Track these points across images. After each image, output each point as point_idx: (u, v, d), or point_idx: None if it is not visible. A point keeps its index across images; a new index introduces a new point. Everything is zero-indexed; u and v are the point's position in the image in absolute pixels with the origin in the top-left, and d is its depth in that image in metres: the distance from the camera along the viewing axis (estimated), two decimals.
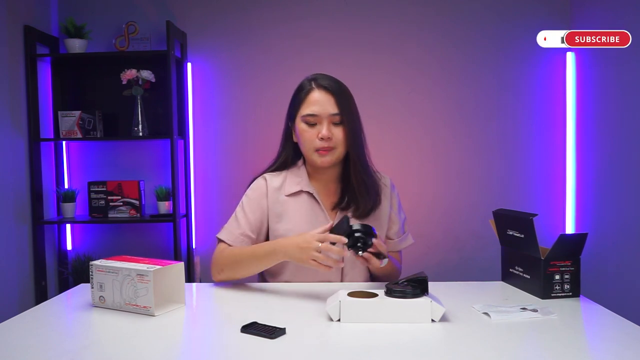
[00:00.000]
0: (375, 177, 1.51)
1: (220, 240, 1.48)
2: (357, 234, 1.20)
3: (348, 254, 1.23)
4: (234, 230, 1.46)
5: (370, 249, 1.22)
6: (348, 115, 1.42)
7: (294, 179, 1.49)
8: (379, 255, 1.23)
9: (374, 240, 1.21)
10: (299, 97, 1.45)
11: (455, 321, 1.09)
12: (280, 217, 1.47)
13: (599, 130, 2.33)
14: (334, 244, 1.20)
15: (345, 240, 1.19)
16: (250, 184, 1.54)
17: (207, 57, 2.63)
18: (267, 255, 1.34)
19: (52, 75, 2.60)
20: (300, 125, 1.44)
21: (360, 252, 1.20)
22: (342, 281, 1.46)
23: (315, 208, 1.47)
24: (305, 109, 1.43)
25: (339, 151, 1.43)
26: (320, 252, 1.20)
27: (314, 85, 1.44)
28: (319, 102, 1.41)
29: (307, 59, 2.58)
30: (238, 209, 1.51)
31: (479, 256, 2.53)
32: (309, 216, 1.45)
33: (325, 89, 1.42)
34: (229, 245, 1.45)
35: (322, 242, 1.20)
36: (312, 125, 1.42)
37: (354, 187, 1.45)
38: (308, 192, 1.48)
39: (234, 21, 2.61)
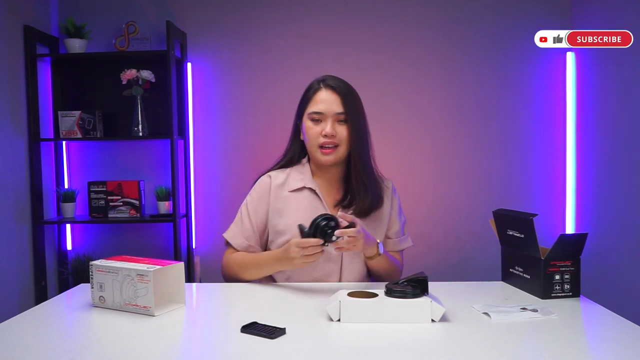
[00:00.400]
0: (378, 179, 1.54)
1: (227, 242, 1.53)
2: (321, 224, 1.27)
3: (328, 248, 1.29)
4: (239, 234, 1.52)
5: (339, 229, 1.27)
6: (353, 115, 1.46)
7: (298, 176, 1.53)
8: (351, 226, 1.29)
9: (338, 214, 1.32)
10: (307, 96, 1.50)
11: (455, 321, 1.09)
12: (281, 213, 1.50)
13: (599, 130, 2.33)
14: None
15: (322, 241, 1.26)
16: (255, 182, 1.58)
17: (207, 57, 2.63)
18: (267, 265, 1.42)
19: (52, 75, 2.60)
20: (306, 123, 1.49)
21: (333, 238, 1.26)
22: (340, 279, 1.48)
23: (317, 204, 1.49)
24: (312, 107, 1.48)
25: (342, 149, 1.47)
26: (305, 254, 1.28)
27: (321, 85, 1.49)
28: (326, 101, 1.46)
29: (307, 59, 2.58)
30: (243, 208, 1.55)
31: (479, 256, 2.53)
32: (309, 212, 1.46)
33: (333, 89, 1.47)
34: (235, 248, 1.51)
35: (304, 247, 1.27)
36: (317, 122, 1.47)
37: (356, 189, 1.48)
38: (310, 189, 1.51)
39: (234, 21, 2.60)
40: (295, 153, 1.57)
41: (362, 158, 1.49)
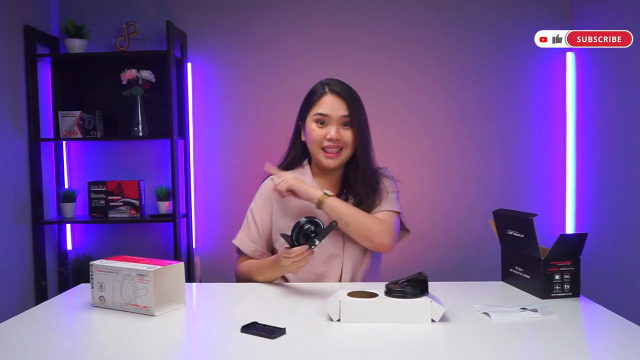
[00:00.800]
0: (379, 178, 1.55)
1: (237, 249, 1.57)
2: (303, 228, 1.27)
3: (316, 248, 1.28)
4: (246, 238, 1.55)
5: (319, 228, 1.27)
6: (357, 119, 1.48)
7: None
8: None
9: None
10: (311, 99, 1.51)
11: (455, 321, 1.09)
12: (284, 212, 1.52)
13: (599, 130, 2.33)
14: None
15: (307, 247, 1.26)
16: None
17: (207, 57, 2.63)
18: (270, 271, 1.44)
19: (52, 75, 2.60)
20: (310, 125, 1.50)
21: (316, 242, 1.26)
22: (341, 275, 1.48)
23: None
24: (317, 109, 1.49)
25: (346, 153, 1.50)
26: (294, 261, 1.27)
27: (327, 90, 1.50)
28: (331, 105, 1.48)
29: (307, 59, 2.58)
30: (249, 213, 1.58)
31: (479, 256, 2.53)
32: (312, 212, 1.46)
33: (338, 94, 1.49)
34: (245, 254, 1.55)
35: (290, 256, 1.27)
36: (322, 125, 1.48)
37: (362, 190, 1.50)
38: None
39: (233, 21, 2.60)
40: (297, 154, 1.59)
41: (368, 161, 1.52)
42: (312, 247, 1.26)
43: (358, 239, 1.46)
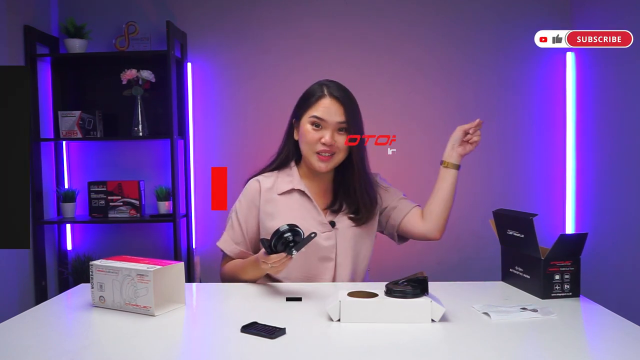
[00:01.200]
0: (374, 185, 1.55)
1: (222, 250, 1.55)
2: (283, 236, 1.25)
3: (294, 255, 1.25)
4: (230, 240, 1.53)
5: (300, 238, 1.25)
6: (353, 124, 1.47)
7: (285, 179, 1.53)
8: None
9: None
10: (309, 100, 1.48)
11: (455, 321, 1.09)
12: (272, 216, 1.49)
13: (599, 130, 2.33)
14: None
15: (284, 255, 1.24)
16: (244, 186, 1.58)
17: (207, 57, 2.63)
18: (252, 271, 1.42)
19: (52, 75, 2.60)
20: (305, 126, 1.47)
21: (294, 252, 1.24)
22: (334, 276, 1.48)
23: (308, 205, 1.50)
24: (314, 111, 1.46)
25: (339, 157, 1.48)
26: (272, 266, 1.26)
27: (326, 93, 1.47)
28: (329, 109, 1.45)
29: (307, 59, 2.58)
30: (232, 215, 1.55)
31: (479, 256, 2.53)
32: (301, 213, 1.47)
33: (337, 98, 1.46)
34: (229, 255, 1.53)
35: (267, 262, 1.25)
36: (317, 127, 1.46)
37: (360, 198, 1.49)
38: (299, 190, 1.50)
39: (233, 21, 2.61)
40: (289, 152, 1.56)
41: (364, 166, 1.50)
42: (290, 255, 1.24)
43: (441, 220, 1.54)
